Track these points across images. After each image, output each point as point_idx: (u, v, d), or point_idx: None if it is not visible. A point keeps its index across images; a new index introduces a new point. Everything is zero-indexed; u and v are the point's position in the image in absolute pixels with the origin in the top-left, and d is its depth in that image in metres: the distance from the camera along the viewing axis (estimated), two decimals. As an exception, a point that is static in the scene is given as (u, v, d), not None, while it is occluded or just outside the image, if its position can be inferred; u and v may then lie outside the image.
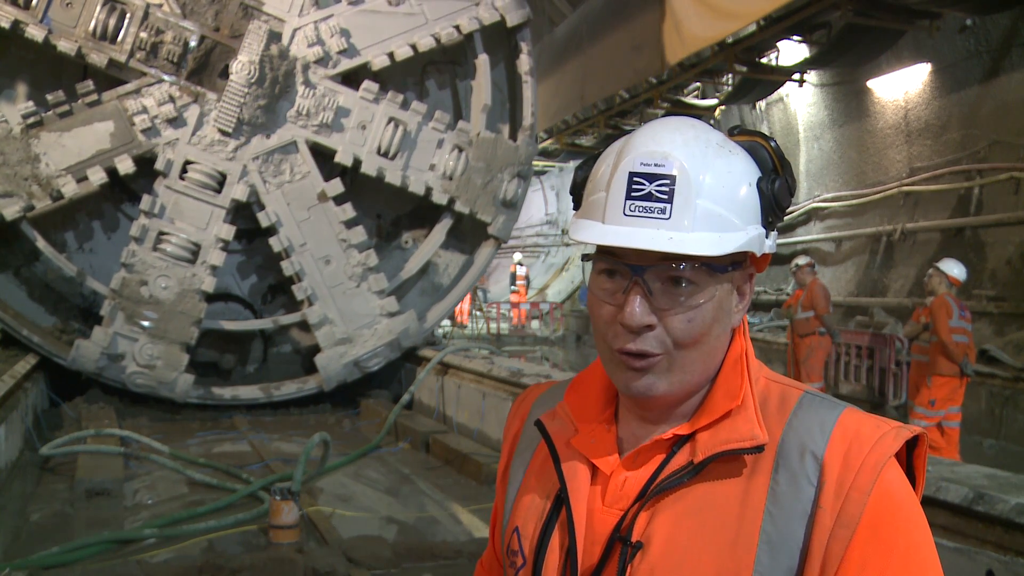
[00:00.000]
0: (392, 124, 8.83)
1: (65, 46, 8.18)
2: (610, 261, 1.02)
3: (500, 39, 9.52)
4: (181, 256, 8.42)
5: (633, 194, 0.98)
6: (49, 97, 8.22)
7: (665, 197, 0.97)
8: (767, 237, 1.04)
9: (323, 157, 8.86)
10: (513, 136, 9.45)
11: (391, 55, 8.88)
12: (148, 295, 8.33)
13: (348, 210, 8.81)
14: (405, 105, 8.91)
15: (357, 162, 8.83)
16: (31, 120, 8.13)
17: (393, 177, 8.89)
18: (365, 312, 8.92)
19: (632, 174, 0.98)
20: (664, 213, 0.97)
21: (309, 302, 8.77)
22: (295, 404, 9.06)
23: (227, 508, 5.46)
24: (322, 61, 8.73)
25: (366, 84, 8.80)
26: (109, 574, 4.18)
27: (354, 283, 8.87)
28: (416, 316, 9.12)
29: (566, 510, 1.06)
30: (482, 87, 9.27)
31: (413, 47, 8.93)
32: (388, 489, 6.59)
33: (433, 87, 9.88)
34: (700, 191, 0.98)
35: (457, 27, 9.03)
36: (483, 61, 9.26)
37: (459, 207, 9.14)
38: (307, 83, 8.66)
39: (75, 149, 8.25)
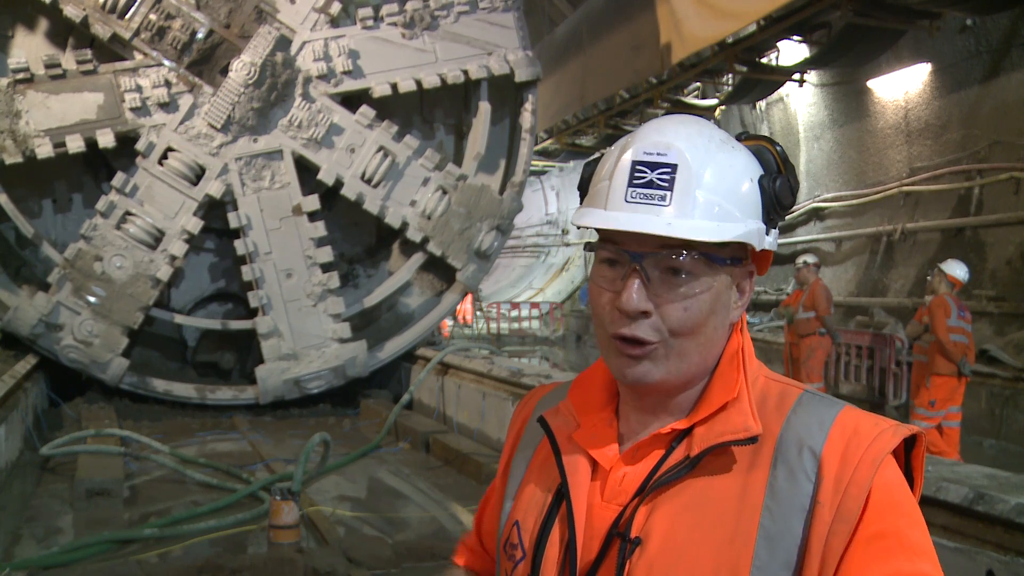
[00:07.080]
0: (381, 153, 8.77)
1: (71, 12, 8.17)
2: (611, 249, 1.04)
3: (507, 90, 9.50)
4: (142, 239, 8.34)
5: (635, 182, 1.00)
6: (43, 58, 8.17)
7: (666, 185, 0.99)
8: (767, 234, 1.05)
9: (307, 172, 8.80)
10: (501, 189, 9.35)
11: (394, 86, 8.85)
12: (100, 271, 8.22)
13: (320, 228, 8.73)
14: (398, 137, 8.88)
15: (339, 183, 8.77)
16: (20, 76, 8.05)
17: (372, 205, 8.83)
18: (316, 333, 8.76)
19: (635, 163, 1.01)
20: (664, 200, 0.99)
21: (262, 311, 8.62)
22: (294, 405, 9.03)
23: (227, 508, 5.45)
24: (325, 77, 8.70)
25: (363, 109, 8.76)
26: (109, 574, 4.18)
27: (311, 301, 8.73)
28: (367, 347, 8.91)
29: (566, 504, 1.07)
30: (479, 135, 9.23)
31: (418, 83, 8.90)
32: (388, 489, 6.58)
33: (441, 130, 9.89)
34: (700, 181, 1.00)
35: (465, 71, 9.02)
36: (484, 109, 9.19)
37: (432, 248, 9.07)
38: (305, 96, 8.63)
39: (59, 113, 8.17)
